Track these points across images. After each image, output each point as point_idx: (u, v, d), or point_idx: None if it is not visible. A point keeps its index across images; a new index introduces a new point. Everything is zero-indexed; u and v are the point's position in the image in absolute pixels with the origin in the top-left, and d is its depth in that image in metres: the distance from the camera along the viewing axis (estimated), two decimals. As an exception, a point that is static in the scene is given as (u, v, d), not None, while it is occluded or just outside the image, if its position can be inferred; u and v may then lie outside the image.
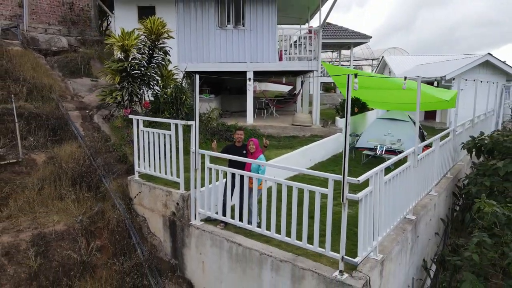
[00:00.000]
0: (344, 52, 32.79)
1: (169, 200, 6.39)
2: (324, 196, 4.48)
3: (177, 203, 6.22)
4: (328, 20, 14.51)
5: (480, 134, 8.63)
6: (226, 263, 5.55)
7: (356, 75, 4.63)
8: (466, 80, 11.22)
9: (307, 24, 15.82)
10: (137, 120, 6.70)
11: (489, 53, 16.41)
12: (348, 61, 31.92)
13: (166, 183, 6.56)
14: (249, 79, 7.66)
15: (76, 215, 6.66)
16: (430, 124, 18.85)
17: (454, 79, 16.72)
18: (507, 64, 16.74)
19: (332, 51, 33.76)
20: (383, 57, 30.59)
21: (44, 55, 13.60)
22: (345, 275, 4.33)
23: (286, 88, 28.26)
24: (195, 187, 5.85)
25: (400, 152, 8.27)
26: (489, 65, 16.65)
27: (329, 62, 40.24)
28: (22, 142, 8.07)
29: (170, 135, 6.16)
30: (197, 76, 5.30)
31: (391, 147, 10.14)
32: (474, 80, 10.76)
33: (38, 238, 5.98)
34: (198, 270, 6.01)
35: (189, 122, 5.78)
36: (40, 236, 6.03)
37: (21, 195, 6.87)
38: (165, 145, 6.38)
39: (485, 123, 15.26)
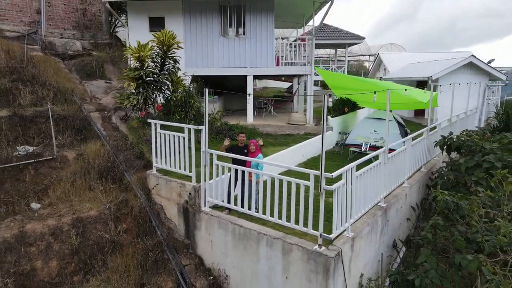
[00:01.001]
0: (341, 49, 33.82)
1: (182, 190, 7.69)
2: (307, 187, 5.76)
3: (190, 193, 7.52)
4: (331, 12, 15.66)
5: (449, 134, 9.89)
6: (230, 242, 6.86)
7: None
8: (450, 84, 12.45)
9: (303, 28, 16.97)
10: (155, 123, 7.97)
11: (472, 55, 17.58)
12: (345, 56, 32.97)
13: (179, 177, 7.84)
14: (249, 94, 8.88)
15: (104, 203, 7.97)
16: (419, 120, 20.08)
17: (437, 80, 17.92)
18: (489, 65, 17.89)
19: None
20: (378, 54, 31.68)
21: (62, 59, 14.82)
22: (323, 248, 5.62)
23: (285, 85, 29.36)
24: (205, 180, 7.13)
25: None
26: (473, 66, 17.81)
27: (327, 57, 41.32)
28: (83, 143, 9.37)
29: (184, 137, 7.44)
30: (206, 91, 6.54)
31: (375, 144, 11.40)
32: (450, 84, 11.97)
33: (77, 222, 7.29)
34: (207, 247, 7.32)
35: (200, 127, 7.03)
36: (78, 220, 7.34)
37: (58, 187, 8.17)
38: (179, 145, 7.65)
39: (467, 120, 16.51)
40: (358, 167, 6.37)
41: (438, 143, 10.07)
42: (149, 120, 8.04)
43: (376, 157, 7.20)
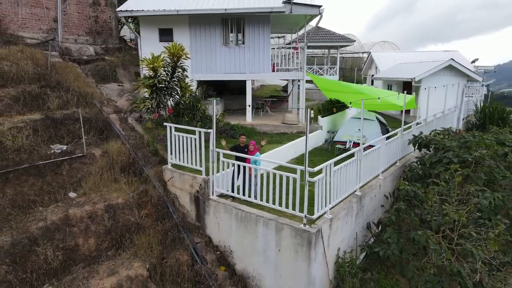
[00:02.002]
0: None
1: (194, 182, 9.27)
2: (295, 179, 7.35)
3: (200, 184, 9.10)
4: (330, 6, 17.15)
5: (420, 133, 11.50)
6: (234, 223, 8.46)
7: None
8: (425, 88, 14.02)
9: (297, 33, 18.44)
10: (170, 127, 9.51)
11: (451, 58, 19.13)
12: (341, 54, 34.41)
13: (191, 171, 9.41)
14: (249, 105, 10.41)
15: (128, 193, 9.54)
16: (399, 116, 21.65)
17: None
18: (466, 68, 19.44)
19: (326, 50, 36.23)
20: (370, 53, 33.18)
21: (78, 64, 16.25)
22: (307, 226, 7.23)
23: (282, 82, 30.87)
24: (213, 173, 8.71)
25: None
26: (452, 68, 19.36)
27: (322, 54, 42.76)
28: (81, 140, 10.89)
29: (195, 138, 9.00)
30: (214, 102, 8.09)
31: (358, 141, 12.98)
32: (425, 88, 13.55)
33: (108, 208, 8.87)
34: (215, 228, 8.93)
35: (209, 130, 8.58)
36: (109, 206, 8.91)
37: (89, 179, 9.73)
38: (190, 144, 9.20)
39: (446, 119, 18.12)
40: (338, 162, 8.00)
41: (410, 141, 11.68)
42: (165, 124, 9.58)
43: (353, 154, 8.81)
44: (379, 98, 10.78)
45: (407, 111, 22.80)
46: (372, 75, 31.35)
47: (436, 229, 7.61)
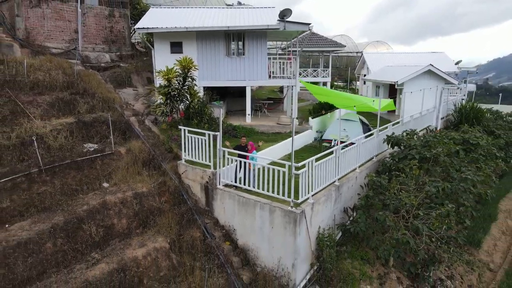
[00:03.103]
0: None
1: (204, 174, 11.35)
2: (284, 172, 9.42)
3: (209, 176, 11.19)
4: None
5: (392, 134, 13.58)
6: (236, 207, 10.56)
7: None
8: (400, 96, 16.05)
9: (291, 41, 20.43)
10: (184, 129, 11.55)
11: (430, 64, 21.14)
12: (336, 53, 36.29)
13: (201, 165, 11.47)
14: (248, 114, 12.48)
15: (150, 183, 11.63)
16: (389, 117, 23.71)
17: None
18: (443, 72, 21.44)
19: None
20: (362, 54, 35.14)
21: (97, 70, 18.24)
22: (293, 208, 9.33)
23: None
24: (219, 167, 10.79)
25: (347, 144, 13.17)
26: (431, 73, 21.38)
27: (318, 54, 44.65)
28: (109, 140, 12.97)
29: (205, 139, 11.06)
30: (221, 113, 10.14)
31: (341, 139, 15.04)
32: (408, 92, 15.59)
33: (135, 195, 10.96)
34: (221, 212, 11.03)
35: (216, 133, 10.64)
36: (136, 194, 11.01)
37: (118, 172, 11.81)
38: (201, 144, 11.26)
39: (424, 119, 20.21)
40: (322, 158, 10.09)
41: (385, 140, 13.77)
42: (179, 127, 11.63)
43: (332, 152, 10.90)
44: (354, 106, 12.83)
45: (393, 111, 24.91)
46: (364, 75, 33.32)
47: (394, 211, 9.73)
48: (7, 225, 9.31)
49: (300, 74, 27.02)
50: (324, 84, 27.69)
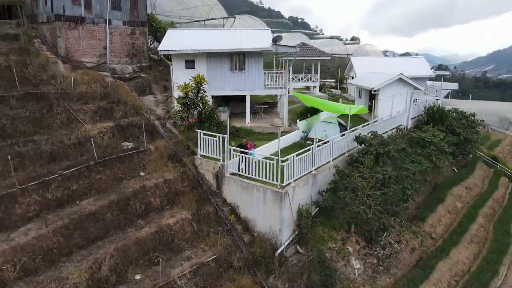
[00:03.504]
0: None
1: (215, 166, 15.16)
2: (273, 164, 13.25)
3: (219, 167, 15.00)
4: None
5: (358, 135, 17.38)
6: (239, 190, 14.40)
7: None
8: (368, 103, 19.79)
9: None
10: (200, 132, 15.33)
11: (401, 73, 24.91)
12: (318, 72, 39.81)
13: (213, 159, 15.28)
14: (248, 117, 16.39)
15: (174, 172, 15.45)
16: (368, 118, 27.47)
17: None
18: (411, 80, 25.19)
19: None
20: (350, 59, 38.79)
21: (123, 81, 21.90)
22: (280, 189, 13.19)
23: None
24: (227, 160, 14.61)
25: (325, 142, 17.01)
26: (402, 80, 25.13)
27: (310, 59, 48.35)
28: (140, 139, 16.76)
29: (216, 140, 14.86)
30: (228, 123, 13.97)
31: (321, 138, 18.83)
32: (369, 104, 19.32)
33: (165, 181, 14.79)
34: (228, 193, 14.87)
35: (224, 135, 14.43)
36: (165, 180, 14.83)
37: (150, 164, 15.61)
38: (213, 143, 15.05)
39: (396, 119, 23.96)
40: (301, 154, 13.92)
41: (354, 139, 17.59)
42: (196, 130, 15.41)
43: (309, 149, 14.71)
44: (327, 114, 16.61)
45: (371, 113, 28.68)
46: (352, 77, 37.03)
47: (352, 191, 13.60)
48: (77, 201, 13.16)
49: (293, 79, 30.78)
50: (314, 87, 31.41)
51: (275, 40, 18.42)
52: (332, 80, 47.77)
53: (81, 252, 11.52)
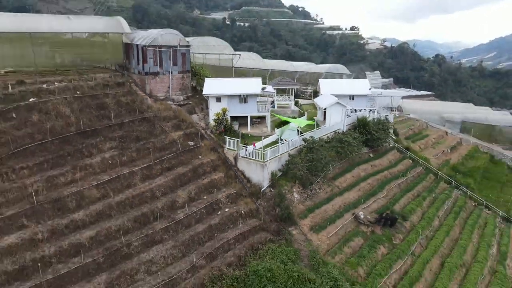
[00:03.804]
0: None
1: (234, 153, 32.52)
2: (261, 152, 30.62)
3: (236, 154, 32.39)
4: None
5: (304, 137, 34.59)
6: (245, 164, 31.82)
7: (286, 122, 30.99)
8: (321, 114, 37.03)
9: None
10: (226, 137, 32.62)
11: (337, 102, 41.89)
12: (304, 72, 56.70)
13: (233, 150, 32.59)
14: (248, 126, 33.82)
15: (214, 156, 32.82)
16: (322, 124, 44.60)
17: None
18: (345, 105, 42.20)
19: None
20: (318, 81, 55.71)
21: (179, 106, 39.00)
22: (263, 163, 30.62)
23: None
24: (239, 150, 31.98)
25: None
26: (339, 103, 42.04)
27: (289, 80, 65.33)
28: (196, 140, 34.07)
29: (234, 141, 32.18)
30: (240, 132, 31.39)
31: (287, 140, 36.12)
32: (326, 114, 36.44)
33: (211, 160, 32.16)
34: (241, 167, 32.27)
35: (238, 139, 31.74)
36: (211, 160, 32.18)
37: (202, 153, 32.91)
38: (233, 142, 32.33)
39: (335, 126, 41.32)
40: (274, 147, 31.36)
41: (303, 140, 34.88)
42: (225, 136, 32.83)
43: (277, 142, 32.06)
44: (295, 123, 33.93)
45: (324, 122, 45.89)
46: (321, 94, 54.02)
47: (295, 164, 31.06)
48: (175, 169, 30.57)
49: (277, 96, 47.89)
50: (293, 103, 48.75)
51: (263, 88, 35.63)
52: (310, 90, 64.75)
53: (181, 188, 28.93)
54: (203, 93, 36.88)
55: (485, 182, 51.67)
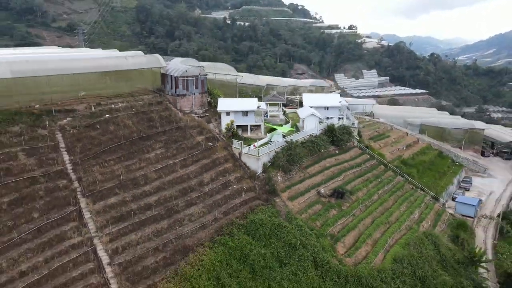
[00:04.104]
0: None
1: (239, 151, 48.96)
2: (257, 149, 47.04)
3: (240, 151, 48.81)
4: None
5: (286, 139, 50.89)
6: (247, 157, 48.27)
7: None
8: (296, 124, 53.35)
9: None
10: (234, 140, 48.97)
11: (312, 114, 58.07)
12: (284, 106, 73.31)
13: (238, 149, 48.96)
14: (248, 131, 50.20)
15: (225, 153, 49.21)
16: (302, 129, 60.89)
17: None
18: (319, 116, 58.34)
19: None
20: (302, 94, 71.95)
21: (199, 117, 55.20)
22: (258, 157, 47.05)
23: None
24: (242, 148, 48.38)
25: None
26: (313, 114, 58.11)
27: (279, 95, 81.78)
28: (213, 141, 50.41)
29: (239, 142, 48.57)
30: (242, 138, 47.90)
31: (274, 141, 52.37)
32: (290, 128, 52.61)
33: (224, 156, 48.65)
34: (244, 159, 48.70)
35: (242, 141, 48.12)
36: (224, 155, 48.64)
37: (218, 150, 49.32)
38: (238, 143, 48.70)
39: (310, 131, 57.84)
40: (265, 146, 47.84)
41: (285, 141, 51.23)
42: (233, 139, 49.25)
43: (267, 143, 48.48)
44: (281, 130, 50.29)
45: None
46: (304, 105, 70.17)
47: (279, 157, 47.52)
48: (202, 161, 47.03)
49: (270, 107, 64.12)
50: (282, 113, 64.89)
51: (258, 106, 51.94)
52: (297, 99, 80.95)
53: (205, 173, 45.45)
54: (218, 109, 53.21)
55: (427, 172, 68.09)
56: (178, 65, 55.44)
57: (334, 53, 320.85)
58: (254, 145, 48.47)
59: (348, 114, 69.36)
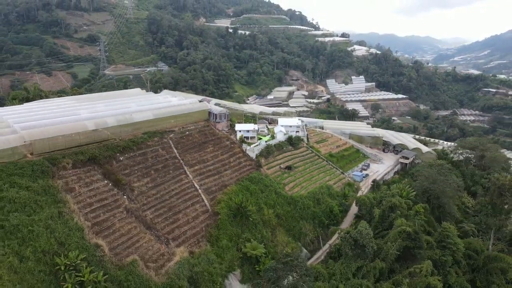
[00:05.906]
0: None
1: (245, 148, 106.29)
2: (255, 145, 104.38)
3: (246, 148, 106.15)
4: None
5: (267, 143, 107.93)
6: (249, 151, 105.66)
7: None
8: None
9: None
10: (243, 144, 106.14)
11: (281, 128, 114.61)
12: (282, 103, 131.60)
13: (245, 147, 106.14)
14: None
15: (239, 149, 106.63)
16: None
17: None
18: (290, 125, 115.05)
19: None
20: (277, 119, 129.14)
21: (226, 133, 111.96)
22: (253, 151, 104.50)
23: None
24: (247, 147, 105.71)
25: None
26: (281, 126, 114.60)
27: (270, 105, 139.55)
28: (235, 144, 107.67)
29: (246, 144, 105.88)
30: (244, 141, 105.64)
31: (261, 144, 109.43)
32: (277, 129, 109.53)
33: (239, 152, 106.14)
34: (248, 152, 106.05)
35: (246, 144, 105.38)
36: (239, 151, 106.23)
37: (235, 149, 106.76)
38: (245, 145, 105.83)
39: (278, 139, 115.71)
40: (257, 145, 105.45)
41: (266, 143, 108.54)
42: (242, 143, 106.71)
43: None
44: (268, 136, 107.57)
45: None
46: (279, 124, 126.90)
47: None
48: (225, 156, 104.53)
49: (260, 125, 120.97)
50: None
51: (254, 128, 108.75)
52: (276, 120, 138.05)
53: (230, 158, 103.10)
54: (235, 129, 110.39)
55: (344, 161, 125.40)
56: (215, 107, 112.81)
57: (327, 60, 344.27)
58: (253, 146, 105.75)
59: (302, 128, 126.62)
